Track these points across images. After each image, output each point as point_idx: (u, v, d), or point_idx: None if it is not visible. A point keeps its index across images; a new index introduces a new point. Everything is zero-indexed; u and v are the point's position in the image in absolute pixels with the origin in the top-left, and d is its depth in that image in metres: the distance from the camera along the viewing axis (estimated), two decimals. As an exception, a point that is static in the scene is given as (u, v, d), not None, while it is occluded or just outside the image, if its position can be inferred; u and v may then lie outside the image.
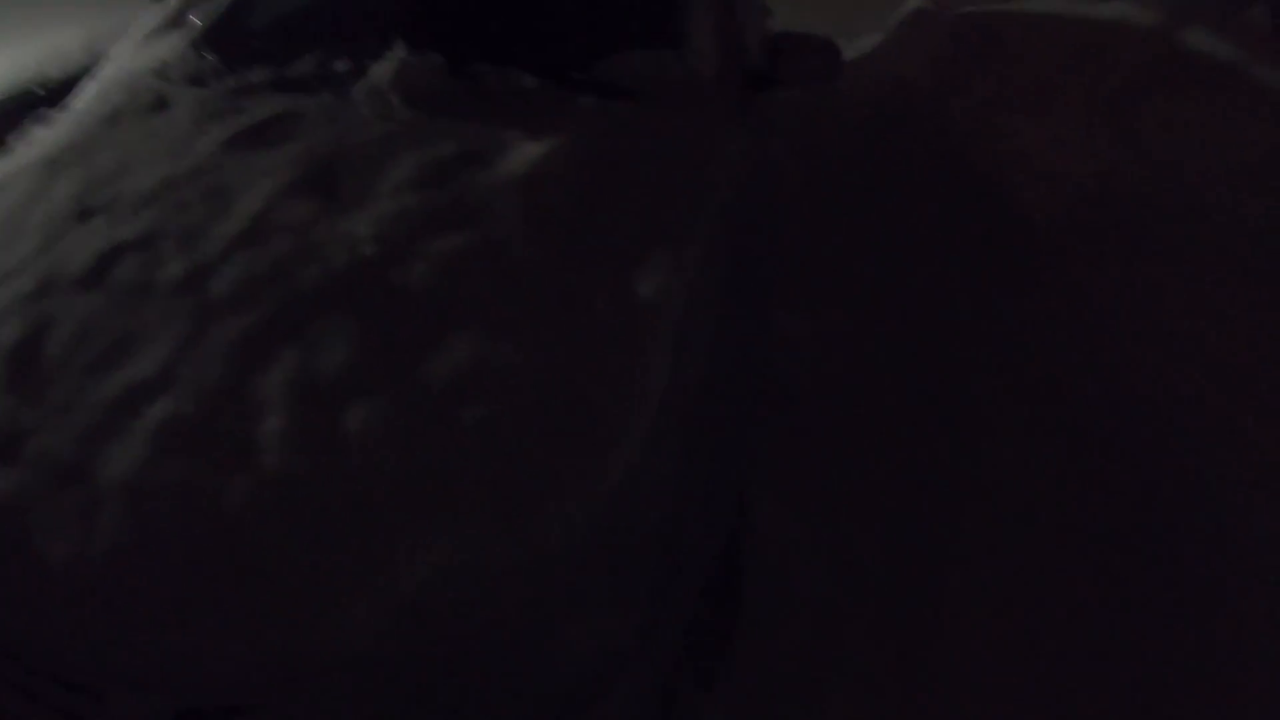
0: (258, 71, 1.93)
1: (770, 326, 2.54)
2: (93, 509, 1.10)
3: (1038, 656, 1.84)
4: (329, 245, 1.40)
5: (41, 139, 2.14)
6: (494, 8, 2.14)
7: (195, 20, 2.32)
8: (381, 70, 1.79)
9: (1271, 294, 2.87)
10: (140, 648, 1.03)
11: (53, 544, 1.08)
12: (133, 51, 2.45)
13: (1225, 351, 2.71)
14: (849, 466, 2.30)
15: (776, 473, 2.19)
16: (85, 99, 2.22)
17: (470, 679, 1.09)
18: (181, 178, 1.63)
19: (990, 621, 1.91)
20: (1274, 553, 2.06)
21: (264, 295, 1.33)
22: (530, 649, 1.10)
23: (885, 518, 2.14)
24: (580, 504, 1.10)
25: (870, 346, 2.82)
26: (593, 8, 2.14)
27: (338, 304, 1.30)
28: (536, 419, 1.16)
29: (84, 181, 1.72)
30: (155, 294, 1.38)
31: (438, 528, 1.06)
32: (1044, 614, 1.93)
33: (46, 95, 5.35)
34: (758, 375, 2.24)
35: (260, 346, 1.25)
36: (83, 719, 1.11)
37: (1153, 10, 4.59)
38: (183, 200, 1.56)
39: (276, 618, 1.01)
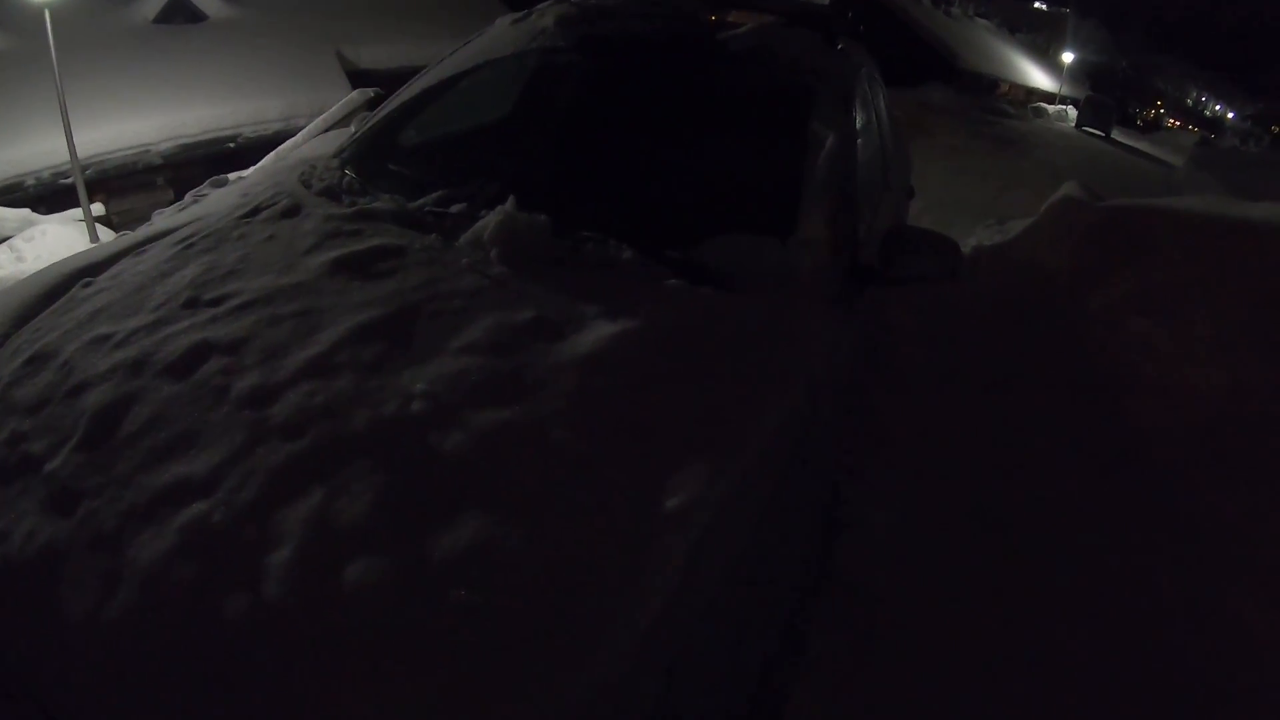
0: (384, 198, 2.06)
1: (845, 527, 2.45)
2: (114, 580, 1.21)
3: None
4: (384, 393, 1.46)
5: (196, 210, 2.32)
6: (609, 176, 2.22)
7: (350, 129, 2.50)
8: (488, 221, 1.87)
9: None
10: (108, 708, 1.12)
11: (73, 598, 1.21)
12: (304, 139, 2.65)
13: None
14: (914, 670, 2.21)
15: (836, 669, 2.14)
16: (251, 176, 2.39)
17: None
18: (284, 291, 1.74)
19: None
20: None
21: (312, 429, 1.40)
22: None
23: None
24: (525, 716, 1.08)
25: (960, 554, 2.70)
26: (705, 187, 2.18)
27: (374, 454, 1.35)
28: (517, 620, 1.16)
29: (205, 270, 1.88)
30: (226, 401, 1.48)
31: (401, 697, 1.07)
32: None
33: (235, 149, 5.95)
34: (802, 587, 2.17)
35: (295, 478, 1.32)
36: None
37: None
38: (278, 315, 1.67)
39: None
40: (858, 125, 2.63)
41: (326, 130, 4.12)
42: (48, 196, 5.76)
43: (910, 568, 2.56)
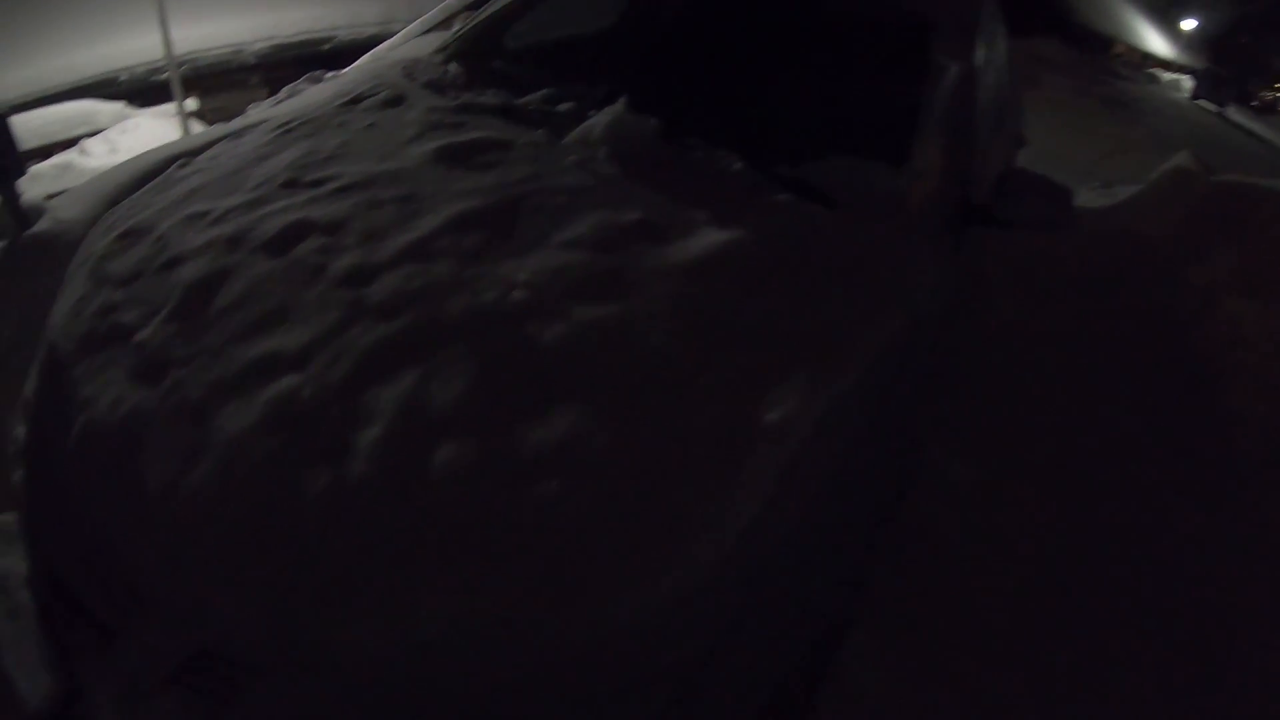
0: (490, 94, 2.01)
1: (917, 469, 2.39)
2: (197, 450, 1.21)
3: None
4: (484, 281, 1.43)
5: (294, 104, 2.30)
6: (726, 86, 2.14)
7: (454, 27, 2.45)
8: (597, 121, 1.82)
9: None
10: (186, 578, 1.13)
11: (155, 467, 1.21)
12: (402, 41, 2.62)
13: None
14: (983, 625, 2.15)
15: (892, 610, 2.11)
16: (349, 73, 2.38)
17: None
18: (385, 176, 1.71)
19: None
20: None
21: (410, 311, 1.37)
22: None
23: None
24: (609, 611, 1.07)
25: (1035, 516, 2.61)
26: (820, 107, 2.09)
27: (470, 340, 1.32)
28: (604, 518, 1.13)
29: (304, 154, 1.86)
30: (323, 279, 1.46)
31: (478, 583, 1.06)
32: None
33: (329, 52, 5.96)
34: (887, 518, 2.11)
35: (388, 359, 1.30)
36: (112, 633, 1.21)
37: None
38: (377, 198, 1.64)
39: (305, 598, 1.07)
40: (979, 60, 2.49)
41: (425, 33, 4.07)
42: (142, 92, 5.84)
43: (983, 521, 2.48)
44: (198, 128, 4.89)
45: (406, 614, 1.05)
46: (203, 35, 5.86)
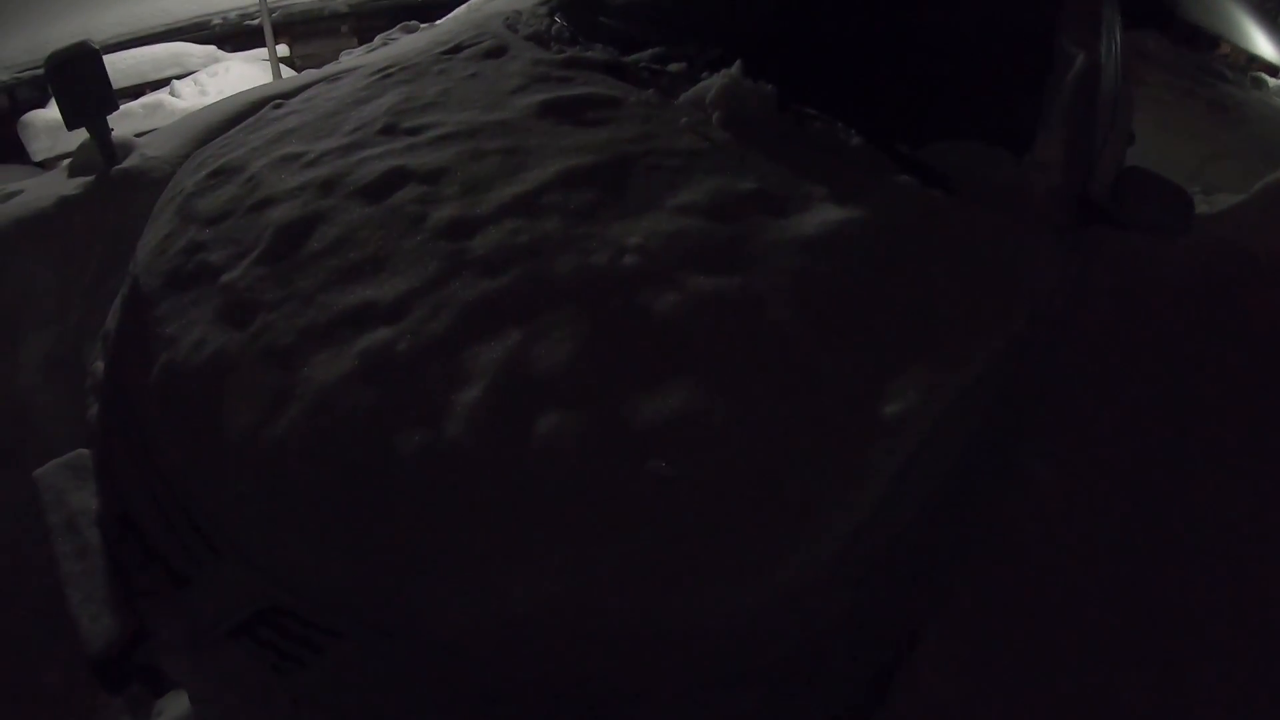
0: (597, 49, 1.95)
1: (1010, 473, 2.30)
2: (282, 397, 1.17)
3: None
4: (594, 241, 1.36)
5: (389, 51, 2.27)
6: (847, 57, 2.04)
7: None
8: (711, 84, 1.74)
9: None
10: (265, 530, 1.09)
11: (237, 411, 1.17)
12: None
13: None
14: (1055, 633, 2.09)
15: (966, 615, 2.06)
16: (445, 24, 2.34)
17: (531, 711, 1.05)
18: (488, 127, 1.66)
19: None
20: None
21: (515, 268, 1.31)
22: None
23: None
24: (717, 602, 1.01)
25: (1118, 525, 2.51)
26: (946, 86, 1.99)
27: (580, 303, 1.26)
28: (716, 499, 1.06)
29: (403, 100, 1.81)
30: (422, 229, 1.41)
31: (577, 563, 1.01)
32: None
33: (421, 3, 5.96)
34: (977, 516, 2.05)
35: (492, 316, 1.24)
36: (183, 579, 1.19)
37: None
38: (480, 149, 1.59)
39: (390, 564, 1.03)
40: (1103, 51, 2.37)
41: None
42: (233, 36, 5.90)
43: (1064, 528, 2.41)
44: (288, 74, 4.92)
45: (499, 588, 1.00)
46: (296, -19, 5.91)
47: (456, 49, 2.04)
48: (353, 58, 3.20)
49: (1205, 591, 2.31)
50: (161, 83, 5.42)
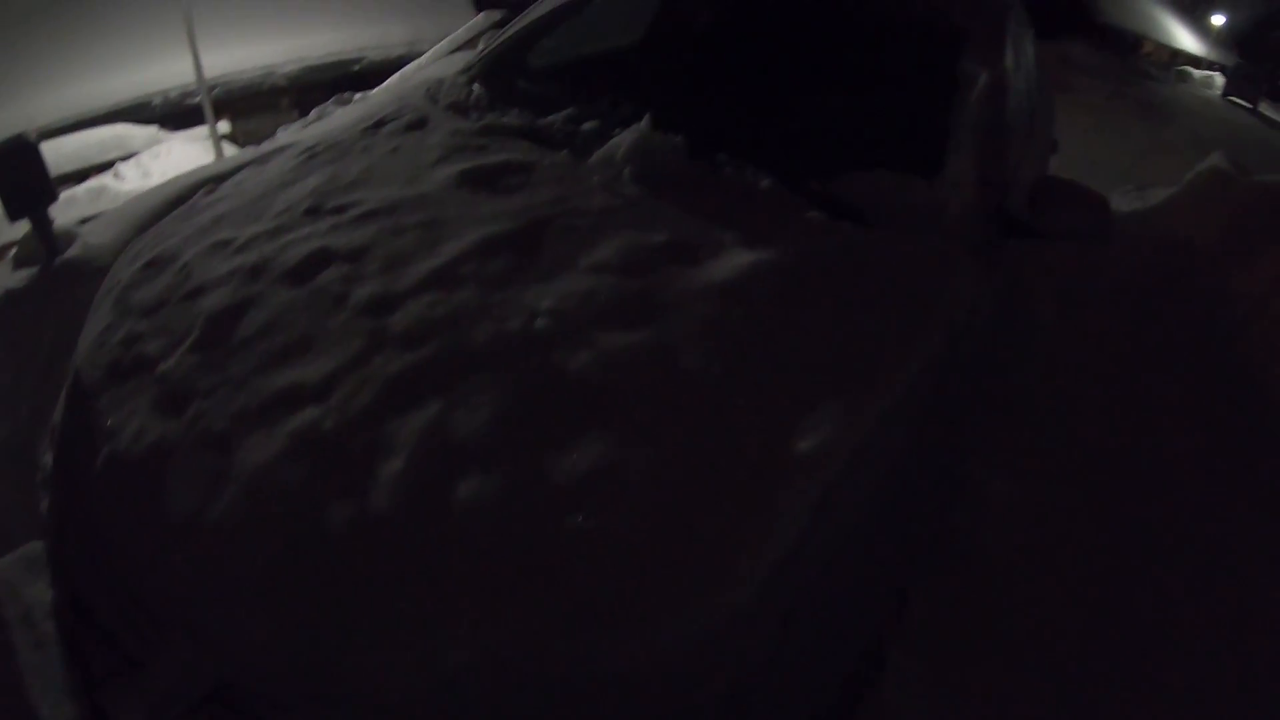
0: (513, 114, 2.00)
1: (960, 484, 2.34)
2: (220, 480, 1.20)
3: None
4: (509, 308, 1.41)
5: (321, 126, 2.31)
6: (753, 101, 2.11)
7: (478, 47, 2.44)
8: (622, 140, 1.79)
9: None
10: (210, 608, 1.13)
11: (178, 496, 1.21)
12: (430, 60, 2.62)
13: None
14: (1022, 645, 2.10)
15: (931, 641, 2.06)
16: (377, 94, 2.38)
17: None
18: (408, 201, 1.70)
19: None
20: None
21: (434, 340, 1.35)
22: None
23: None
24: (642, 646, 1.04)
25: (1075, 532, 2.55)
26: (852, 119, 2.06)
27: (495, 369, 1.30)
28: (634, 548, 1.10)
29: (328, 179, 1.85)
30: (344, 308, 1.45)
31: (504, 613, 1.05)
32: None
33: (358, 73, 6.02)
34: (927, 536, 2.07)
35: (411, 389, 1.28)
36: (137, 663, 1.21)
37: None
38: (401, 224, 1.63)
39: (328, 630, 1.06)
40: (1008, 66, 2.45)
41: (452, 53, 4.10)
42: (174, 115, 5.91)
43: (1022, 538, 2.42)
44: (230, 150, 4.95)
45: (432, 644, 1.03)
46: (234, 58, 5.94)
47: (380, 124, 2.09)
48: (288, 133, 3.26)
49: (1167, 592, 2.34)
50: (105, 165, 5.43)
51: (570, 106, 2.03)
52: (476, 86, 2.18)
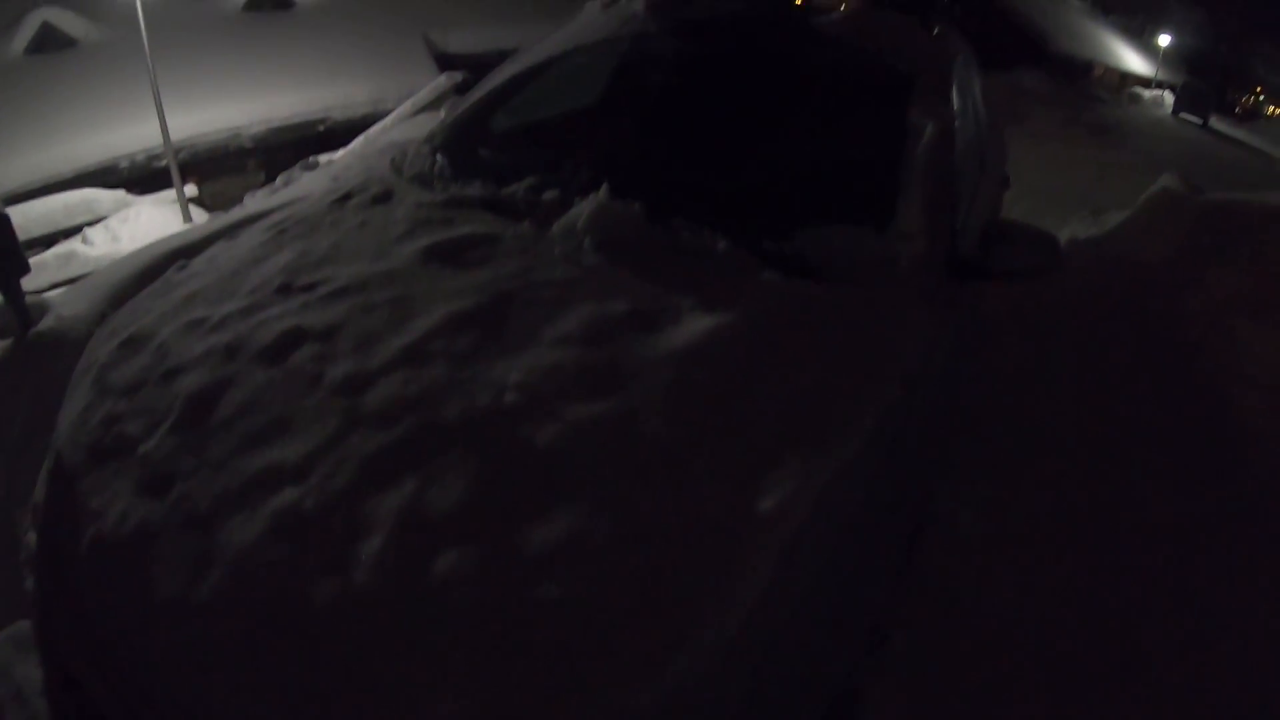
0: (476, 185, 2.05)
1: (932, 525, 2.39)
2: (205, 562, 1.23)
3: None
4: (477, 383, 1.45)
5: (289, 192, 2.34)
6: (703, 164, 2.17)
7: (438, 114, 2.50)
8: (581, 209, 1.85)
9: None
10: (200, 684, 1.14)
11: (164, 577, 1.24)
12: (394, 123, 2.67)
13: None
14: (999, 678, 2.15)
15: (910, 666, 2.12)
16: (342, 158, 2.42)
17: None
18: (377, 278, 1.75)
19: None
20: None
21: (407, 418, 1.39)
22: None
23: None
24: (613, 708, 1.07)
25: (1044, 558, 2.60)
26: (800, 176, 2.13)
27: (466, 445, 1.34)
28: (606, 616, 1.14)
29: (298, 256, 1.89)
30: (319, 388, 1.49)
31: (482, 682, 1.08)
32: None
33: (324, 133, 6.08)
34: (900, 575, 2.12)
35: (387, 467, 1.32)
36: None
37: None
38: (370, 302, 1.67)
39: (312, 703, 1.08)
40: (955, 114, 2.54)
41: (415, 114, 4.16)
42: (142, 179, 5.94)
43: (994, 569, 2.48)
44: (198, 214, 4.97)
45: (414, 713, 1.06)
46: (200, 120, 5.98)
47: (347, 197, 2.14)
48: (255, 201, 3.30)
49: (1138, 616, 2.39)
50: (73, 230, 5.44)
51: (532, 175, 2.08)
52: (440, 157, 2.24)
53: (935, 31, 2.77)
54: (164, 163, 5.27)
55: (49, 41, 7.56)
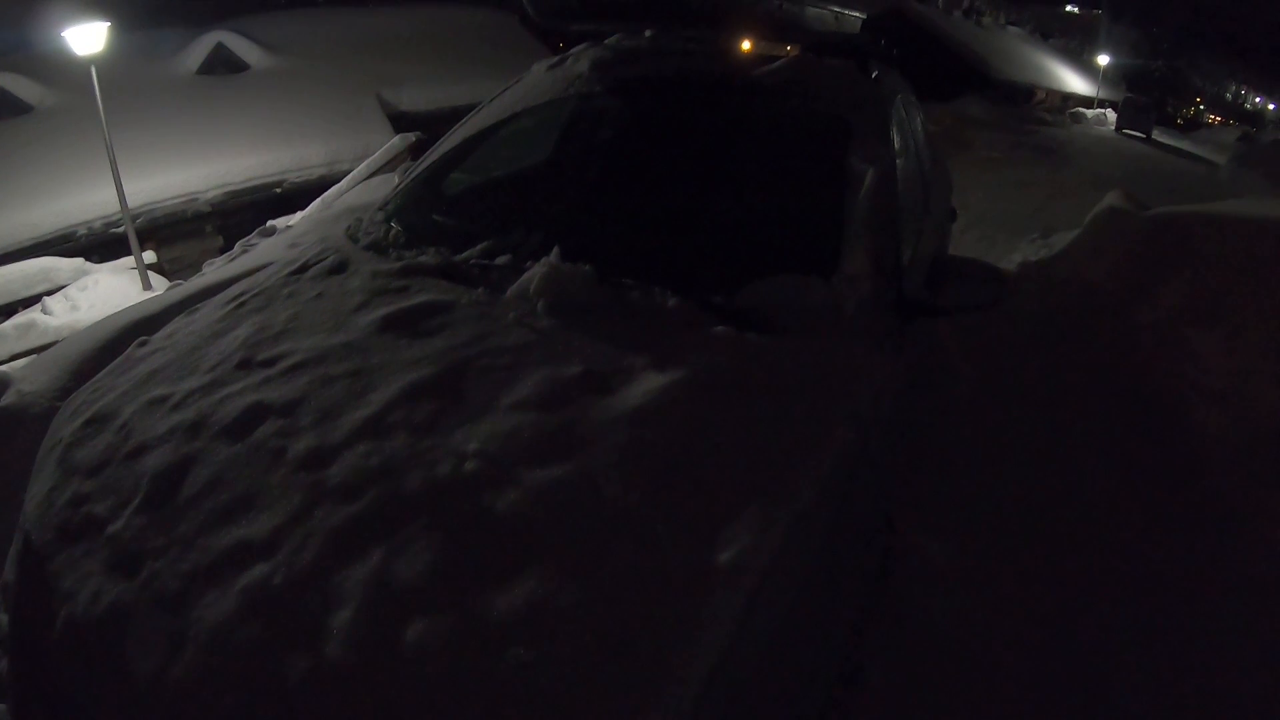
0: (430, 252, 2.09)
1: (901, 559, 2.42)
2: (179, 640, 1.25)
3: None
4: (437, 453, 1.48)
5: (247, 259, 2.36)
6: (650, 221, 2.22)
7: (392, 176, 2.54)
8: (533, 273, 1.89)
9: None
10: None
11: (139, 657, 1.25)
12: (349, 185, 2.69)
13: None
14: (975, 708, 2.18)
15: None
16: (299, 224, 2.43)
17: None
18: (335, 350, 1.78)
19: None
20: None
21: (370, 490, 1.42)
22: None
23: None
24: None
25: (1013, 582, 2.65)
26: (746, 229, 2.18)
27: (431, 515, 1.37)
28: (573, 677, 1.16)
29: (256, 330, 1.92)
30: (283, 463, 1.51)
31: None
32: None
33: (280, 195, 6.10)
34: (871, 610, 2.15)
35: (353, 540, 1.34)
36: None
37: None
38: (330, 375, 1.70)
39: None
40: (896, 154, 2.62)
41: (370, 176, 4.20)
42: (100, 246, 5.92)
43: (964, 597, 2.52)
44: (157, 280, 4.96)
45: None
46: (157, 185, 5.98)
47: (304, 268, 2.17)
48: (215, 268, 3.31)
49: (1109, 638, 2.43)
50: (32, 299, 5.40)
51: (484, 240, 2.13)
52: (393, 224, 2.27)
53: (874, 74, 2.86)
54: (122, 229, 5.25)
55: (3, 108, 7.56)
